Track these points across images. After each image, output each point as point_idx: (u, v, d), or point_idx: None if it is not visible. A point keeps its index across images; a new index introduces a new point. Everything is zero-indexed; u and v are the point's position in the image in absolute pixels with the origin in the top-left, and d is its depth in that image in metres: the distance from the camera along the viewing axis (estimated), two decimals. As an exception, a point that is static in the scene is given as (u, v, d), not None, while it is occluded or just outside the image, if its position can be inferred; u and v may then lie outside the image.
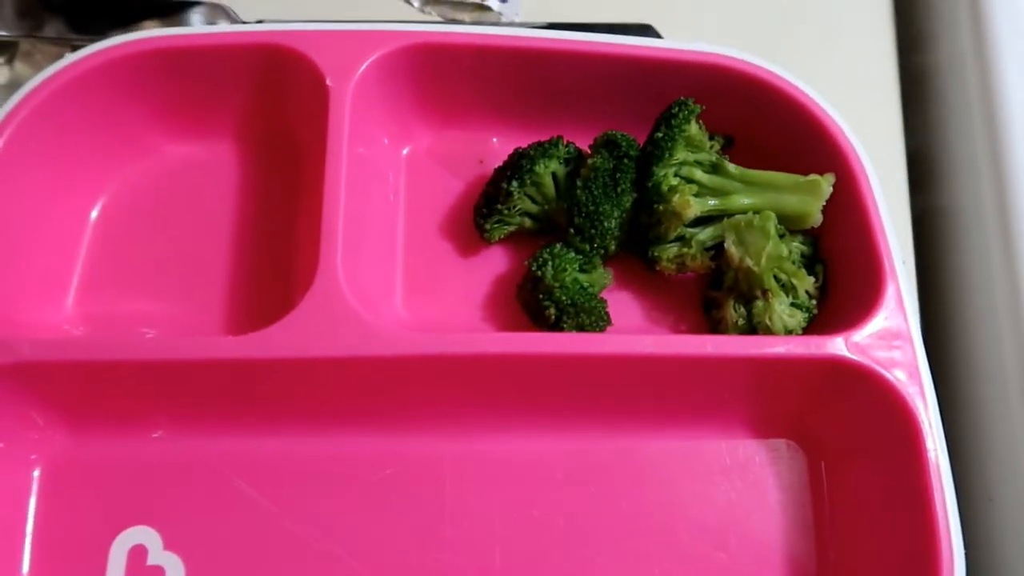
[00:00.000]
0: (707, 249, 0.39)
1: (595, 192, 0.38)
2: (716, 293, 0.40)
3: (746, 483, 0.38)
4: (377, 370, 0.34)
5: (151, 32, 0.38)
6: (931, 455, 0.33)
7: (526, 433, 0.37)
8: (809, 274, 0.39)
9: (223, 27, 0.37)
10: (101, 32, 0.41)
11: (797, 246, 0.39)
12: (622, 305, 0.40)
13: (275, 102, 0.40)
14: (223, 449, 0.36)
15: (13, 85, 0.42)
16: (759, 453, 0.38)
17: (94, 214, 0.40)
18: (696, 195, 0.38)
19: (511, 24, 0.47)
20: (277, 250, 0.39)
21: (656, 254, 0.39)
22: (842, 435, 0.37)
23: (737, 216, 0.38)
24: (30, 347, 0.33)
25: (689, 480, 0.38)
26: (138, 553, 0.35)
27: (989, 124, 0.44)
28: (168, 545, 0.35)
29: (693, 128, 0.39)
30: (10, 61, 0.43)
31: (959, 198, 0.45)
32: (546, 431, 0.38)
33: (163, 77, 0.39)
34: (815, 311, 0.38)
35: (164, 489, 0.36)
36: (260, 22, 0.43)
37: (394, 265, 0.40)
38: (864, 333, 0.35)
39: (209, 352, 0.33)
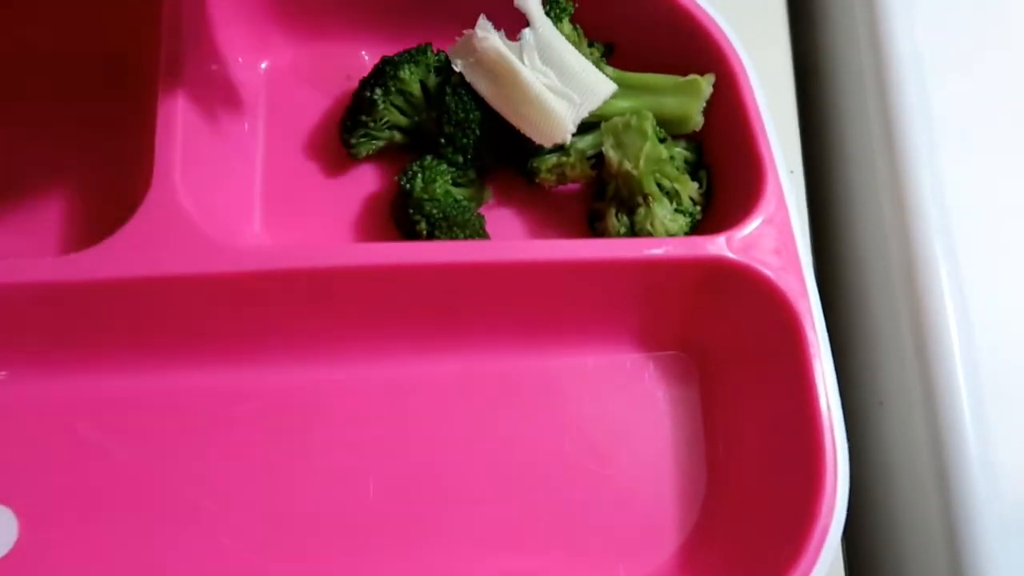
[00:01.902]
0: (588, 158, 0.37)
1: (464, 98, 0.36)
2: (599, 204, 0.38)
3: (634, 397, 0.36)
4: (225, 291, 0.31)
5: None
6: (813, 350, 0.32)
7: (399, 356, 0.35)
8: (693, 180, 0.37)
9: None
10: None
11: (680, 152, 0.38)
12: (503, 222, 0.38)
13: (98, 13, 0.36)
14: (58, 389, 0.33)
15: None
16: (647, 366, 0.37)
17: (-97, 138, 0.35)
18: (572, 98, 0.36)
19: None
20: (111, 173, 0.35)
21: (535, 165, 0.37)
22: (729, 340, 0.36)
23: (615, 119, 0.36)
24: None
25: (577, 398, 0.36)
26: (-37, 506, 0.31)
27: (871, 30, 0.43)
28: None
29: (567, 27, 0.37)
30: None
31: (845, 105, 0.44)
32: (421, 354, 0.35)
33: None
34: (699, 216, 0.37)
35: (-4, 436, 0.32)
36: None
37: (251, 186, 0.37)
38: (744, 232, 0.34)
39: (35, 275, 0.30)
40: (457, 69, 0.36)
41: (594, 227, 0.38)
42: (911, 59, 0.41)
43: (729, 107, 0.37)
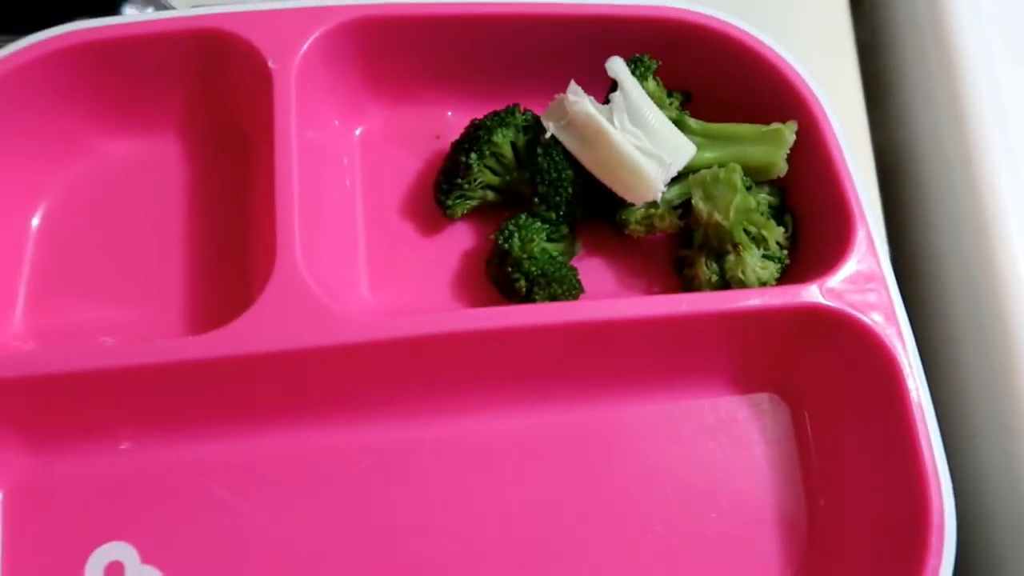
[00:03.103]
0: (675, 208, 0.38)
1: (556, 158, 0.37)
2: (687, 252, 0.39)
3: (731, 440, 0.37)
4: (346, 359, 0.33)
5: (79, 25, 0.36)
6: (913, 395, 0.33)
7: (505, 411, 0.37)
8: (778, 224, 0.38)
9: (154, 14, 0.36)
10: (30, 30, 0.39)
11: (764, 197, 0.39)
12: (594, 272, 0.40)
13: (217, 90, 0.38)
14: (194, 455, 0.35)
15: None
16: (742, 409, 0.38)
17: (35, 221, 0.38)
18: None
19: (456, -8, 0.46)
20: (233, 244, 0.38)
21: (624, 217, 0.38)
22: (823, 383, 0.37)
23: (702, 171, 0.37)
24: (-22, 366, 0.31)
25: (675, 443, 0.37)
26: (115, 570, 0.33)
27: (946, 65, 0.43)
28: (145, 559, 0.34)
29: (651, 85, 0.38)
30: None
31: (920, 140, 0.45)
32: (526, 407, 0.37)
33: (96, 72, 0.37)
34: (787, 261, 0.38)
35: (136, 501, 0.34)
36: (196, 7, 0.41)
37: (356, 250, 0.39)
38: (837, 278, 0.35)
39: (169, 355, 0.32)
40: (549, 132, 0.37)
41: (683, 273, 0.39)
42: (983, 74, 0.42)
43: (812, 152, 0.38)
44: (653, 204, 0.38)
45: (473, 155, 0.38)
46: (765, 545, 0.36)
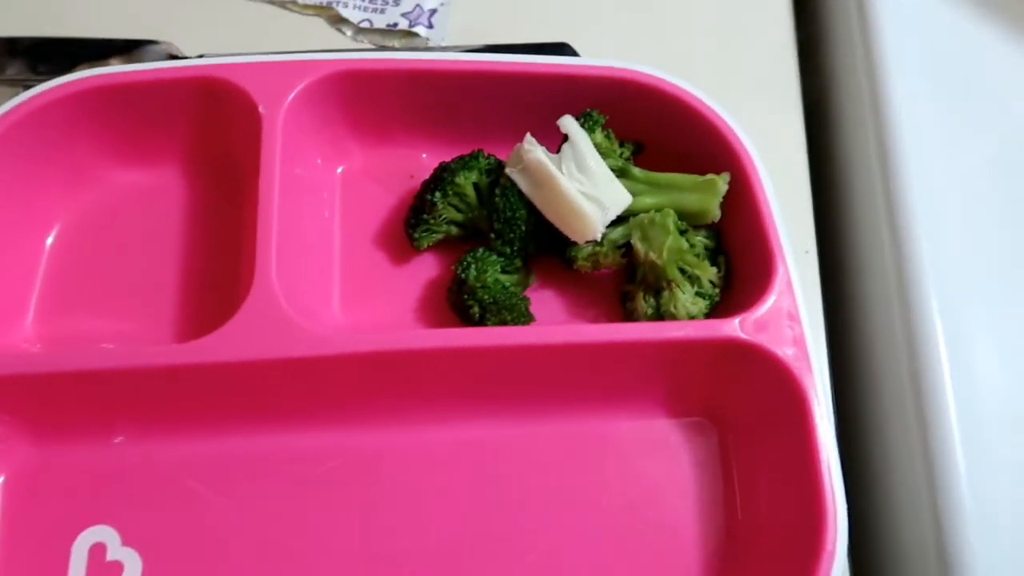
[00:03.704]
0: (619, 247, 0.43)
1: (512, 200, 0.42)
2: (629, 287, 0.43)
3: (662, 459, 0.41)
4: (313, 370, 0.37)
5: (96, 70, 0.41)
6: (816, 419, 0.37)
7: (458, 423, 0.41)
8: (712, 265, 0.42)
9: (161, 63, 0.41)
10: (59, 73, 0.44)
11: (701, 240, 0.43)
12: (545, 303, 0.44)
13: (214, 130, 0.43)
14: (177, 451, 0.39)
15: (-29, 124, 0.45)
16: (674, 432, 0.42)
17: (49, 240, 0.43)
18: (603, 197, 0.41)
19: (438, 48, 0.51)
20: (220, 266, 0.42)
21: (572, 254, 0.42)
22: (745, 411, 0.40)
23: (641, 215, 0.42)
24: (-9, 363, 0.36)
25: (611, 459, 0.41)
26: (98, 550, 0.37)
27: (877, 130, 0.47)
28: (126, 541, 0.38)
29: (599, 136, 0.42)
30: (-31, 102, 0.46)
31: (855, 195, 0.49)
32: (476, 420, 0.41)
33: (109, 111, 0.42)
34: (718, 299, 0.42)
35: (123, 490, 0.38)
36: (201, 56, 0.46)
37: (331, 274, 0.43)
38: (756, 315, 0.39)
39: (156, 359, 0.36)
40: (512, 175, 0.41)
41: (625, 306, 0.43)
42: (912, 143, 0.46)
43: (743, 202, 0.42)
44: (599, 243, 0.42)
45: (438, 194, 0.42)
46: (686, 556, 0.39)
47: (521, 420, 0.41)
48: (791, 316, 0.39)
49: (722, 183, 0.42)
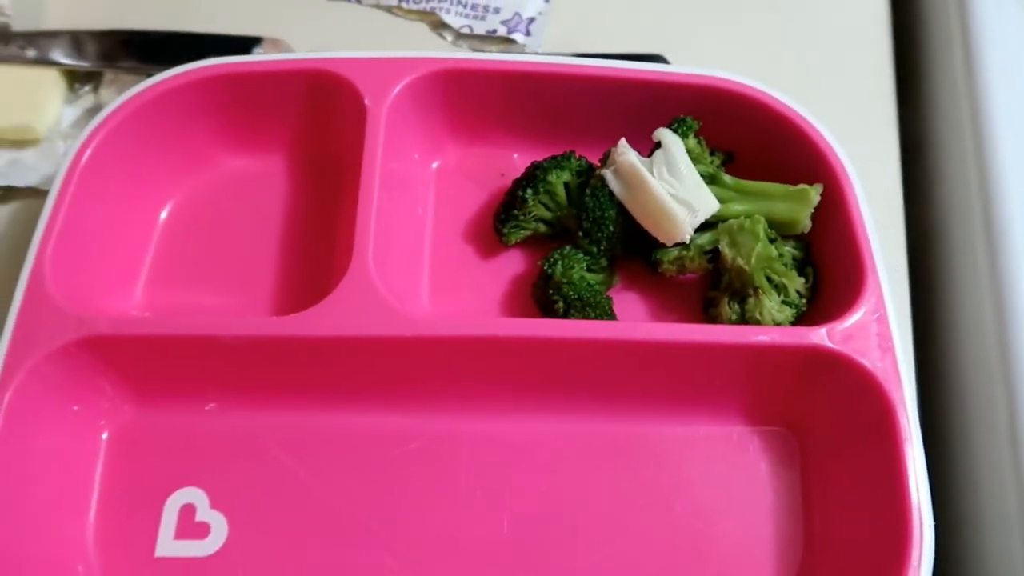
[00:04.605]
0: (705, 252, 0.43)
1: (601, 200, 0.42)
2: (714, 293, 0.43)
3: (739, 466, 0.41)
4: (401, 350, 0.39)
5: (212, 61, 0.44)
6: (904, 435, 0.36)
7: (536, 415, 0.41)
8: (800, 275, 0.42)
9: (275, 55, 0.43)
10: (173, 64, 0.47)
11: (789, 250, 0.43)
12: (628, 304, 0.44)
13: (321, 120, 0.45)
14: (266, 421, 0.41)
15: (97, 108, 0.49)
16: (752, 440, 0.41)
17: (163, 216, 0.45)
18: (693, 202, 0.42)
19: (534, 54, 0.52)
20: (318, 248, 0.44)
21: (658, 257, 0.43)
22: (828, 421, 0.40)
23: (730, 221, 0.42)
24: (104, 323, 0.38)
25: (688, 463, 0.41)
26: (188, 510, 0.39)
27: (978, 158, 0.46)
28: (214, 504, 0.39)
29: (691, 142, 0.43)
30: (95, 89, 0.50)
31: (951, 214, 0.48)
32: (555, 414, 0.41)
33: (227, 99, 0.44)
34: (804, 309, 0.42)
35: (213, 455, 0.40)
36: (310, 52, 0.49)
37: (421, 265, 0.45)
38: (844, 325, 0.38)
39: (256, 330, 0.38)
40: (604, 176, 0.42)
41: (708, 312, 0.43)
42: (1014, 167, 0.45)
43: (836, 212, 0.42)
44: (685, 246, 0.42)
45: (529, 191, 0.43)
46: (759, 566, 0.39)
47: (599, 417, 0.41)
48: (881, 329, 0.38)
49: (814, 193, 0.42)
